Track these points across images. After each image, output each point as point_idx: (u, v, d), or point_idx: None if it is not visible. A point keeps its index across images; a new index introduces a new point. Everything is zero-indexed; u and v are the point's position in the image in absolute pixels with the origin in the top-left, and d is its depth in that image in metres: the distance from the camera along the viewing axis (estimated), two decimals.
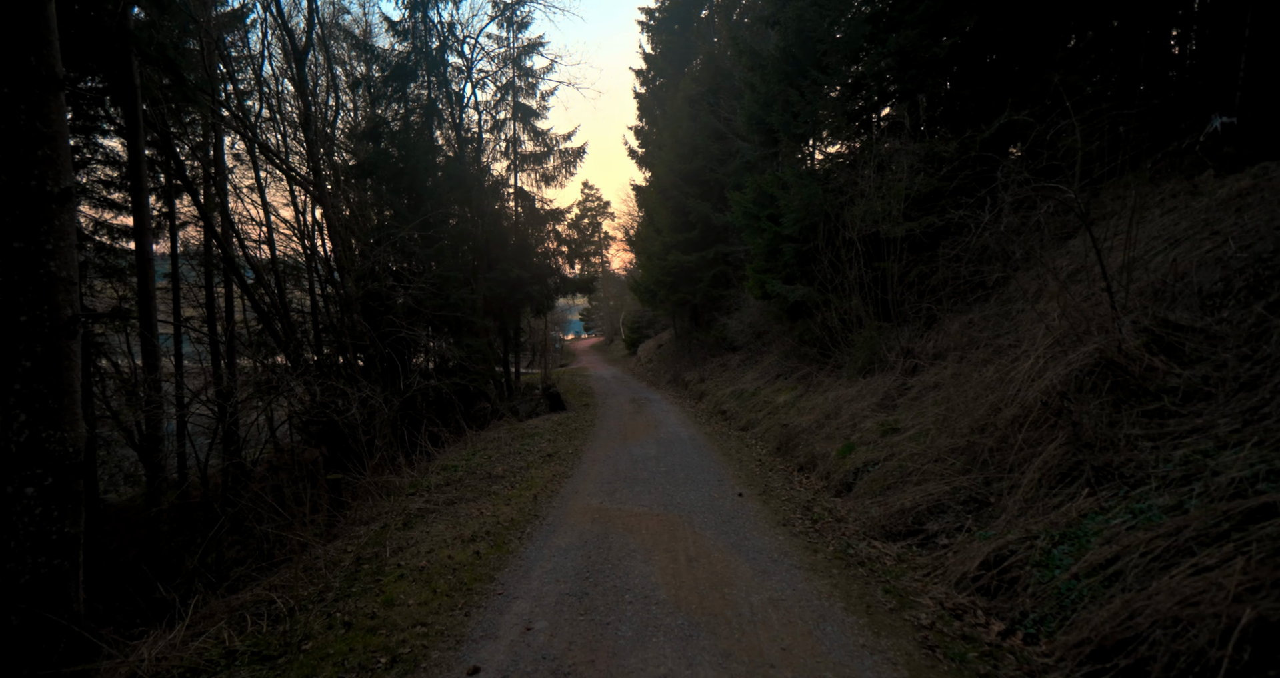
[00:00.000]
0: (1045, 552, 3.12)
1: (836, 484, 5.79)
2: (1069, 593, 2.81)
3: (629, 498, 6.24)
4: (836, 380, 8.22)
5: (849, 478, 5.71)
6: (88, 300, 15.53)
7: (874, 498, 5.02)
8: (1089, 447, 3.64)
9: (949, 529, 4.04)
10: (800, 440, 7.35)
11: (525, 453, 9.13)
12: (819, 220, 9.30)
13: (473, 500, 6.46)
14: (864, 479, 5.46)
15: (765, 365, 12.82)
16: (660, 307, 19.78)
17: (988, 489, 4.14)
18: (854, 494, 5.42)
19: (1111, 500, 3.29)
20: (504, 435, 10.86)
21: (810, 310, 9.70)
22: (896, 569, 3.80)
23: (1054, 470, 3.69)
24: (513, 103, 15.57)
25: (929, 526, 4.17)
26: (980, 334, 6.50)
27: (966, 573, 3.35)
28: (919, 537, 4.16)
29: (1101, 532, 3.06)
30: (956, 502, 4.19)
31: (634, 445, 9.28)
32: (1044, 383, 3.98)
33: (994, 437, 4.29)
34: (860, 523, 4.63)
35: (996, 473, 4.13)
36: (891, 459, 5.42)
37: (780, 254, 11.18)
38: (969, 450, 4.45)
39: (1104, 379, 3.86)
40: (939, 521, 4.16)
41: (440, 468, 8.36)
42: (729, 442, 9.26)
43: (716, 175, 16.35)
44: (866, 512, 4.80)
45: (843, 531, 4.63)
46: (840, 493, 5.68)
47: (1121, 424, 3.66)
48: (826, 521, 4.92)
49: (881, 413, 6.59)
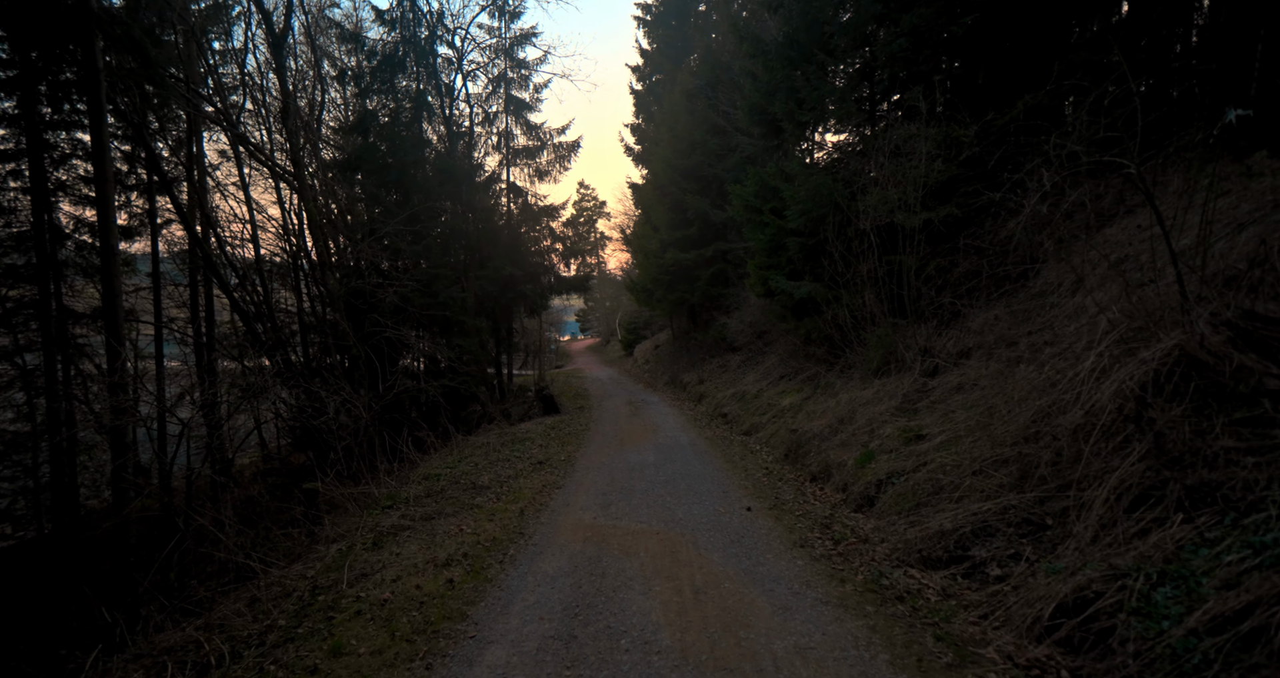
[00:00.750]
0: (1143, 596, 2.48)
1: (856, 497, 5.15)
2: (1189, 655, 2.17)
3: (626, 512, 5.58)
4: (848, 382, 7.59)
5: (870, 490, 5.07)
6: (68, 300, 14.83)
7: (904, 515, 4.38)
8: (1176, 462, 3.01)
9: (1000, 557, 3.40)
10: (811, 447, 6.71)
11: (514, 460, 8.46)
12: (827, 212, 8.68)
13: (453, 515, 5.80)
14: (889, 493, 4.82)
15: (767, 366, 12.19)
16: (657, 306, 19.15)
17: (1044, 509, 3.50)
18: (878, 510, 4.78)
19: (1216, 530, 2.66)
20: (493, 440, 10.19)
21: (817, 308, 9.07)
22: (944, 608, 3.16)
23: (1132, 490, 3.06)
24: (505, 95, 14.93)
25: (975, 552, 3.53)
26: (1010, 331, 5.88)
27: (1039, 619, 2.71)
28: (964, 565, 3.52)
29: (1214, 572, 2.43)
30: (1006, 524, 3.55)
31: (631, 451, 8.63)
32: (1113, 385, 3.34)
33: (1049, 447, 3.66)
34: (891, 546, 3.98)
35: (1055, 490, 3.50)
36: (920, 470, 4.78)
37: (784, 249, 10.55)
38: (1017, 462, 3.81)
39: (1186, 381, 3.23)
40: (987, 546, 3.52)
41: (422, 477, 7.69)
42: (732, 447, 8.61)
43: (715, 171, 15.73)
44: (897, 532, 4.16)
45: (871, 555, 3.98)
46: (862, 507, 5.04)
47: (1213, 435, 3.03)
48: (850, 541, 4.27)
49: (902, 417, 5.95)
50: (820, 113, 9.32)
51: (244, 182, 14.71)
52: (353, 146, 14.20)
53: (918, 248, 7.08)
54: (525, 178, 15.67)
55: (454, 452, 9.58)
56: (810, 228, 9.44)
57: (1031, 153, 7.08)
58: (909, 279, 7.16)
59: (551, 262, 16.22)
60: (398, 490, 6.96)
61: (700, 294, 16.25)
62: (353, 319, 12.30)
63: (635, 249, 20.30)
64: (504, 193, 15.52)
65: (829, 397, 7.83)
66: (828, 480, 5.91)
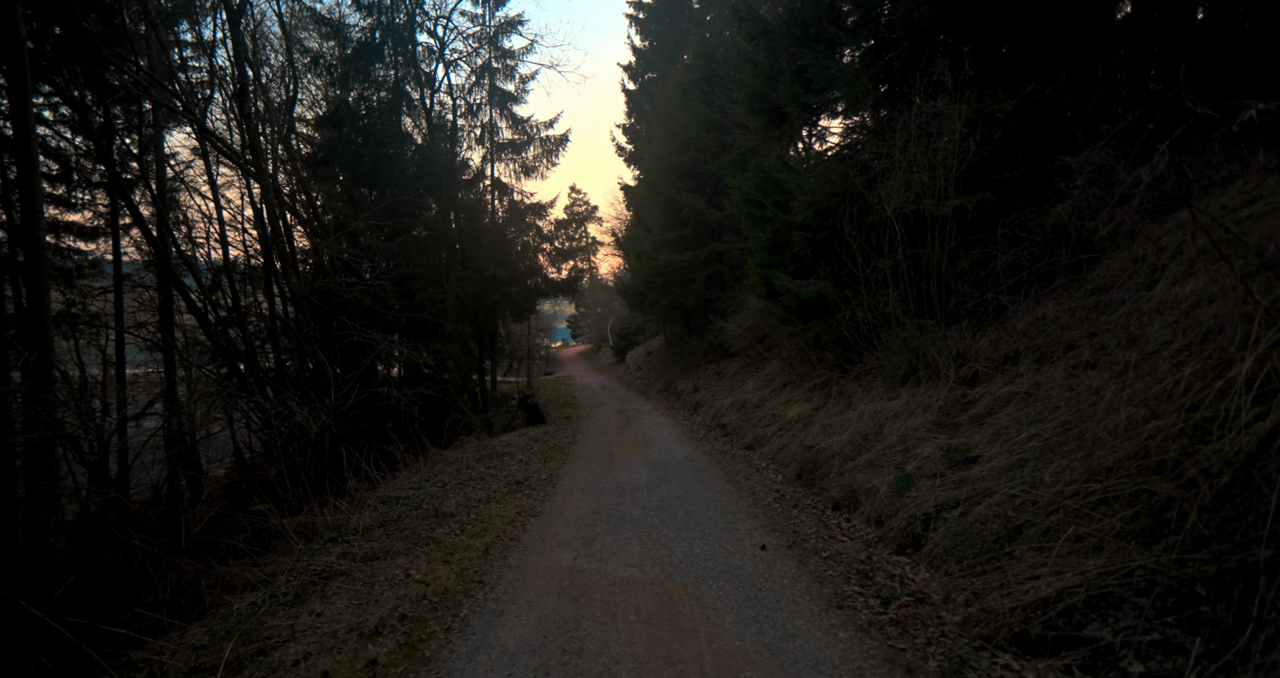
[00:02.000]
0: None
1: (897, 534, 4.12)
2: None
3: (613, 550, 4.52)
4: (868, 391, 6.58)
5: (914, 526, 4.04)
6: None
7: (968, 565, 3.35)
8: None
9: (1139, 645, 2.37)
10: (830, 468, 5.67)
11: (489, 479, 7.37)
12: (839, 202, 7.71)
13: (403, 554, 4.70)
14: (941, 531, 3.79)
15: (768, 373, 11.18)
16: (650, 311, 18.12)
17: (1188, 572, 2.48)
18: (930, 554, 3.74)
19: None
20: (469, 455, 9.08)
21: (828, 308, 8.08)
22: None
23: None
24: (489, 86, 13.92)
25: (1095, 632, 2.51)
26: (1066, 332, 4.89)
27: None
28: (1081, 652, 2.49)
29: None
30: (1136, 592, 2.53)
31: (621, 469, 7.56)
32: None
33: (1175, 481, 2.65)
34: (966, 614, 2.94)
35: (1206, 546, 2.48)
36: (978, 503, 3.77)
37: (789, 245, 9.58)
38: (1142, 503, 2.79)
39: None
40: (1111, 624, 2.50)
41: (380, 500, 6.58)
42: (734, 464, 7.57)
43: (710, 168, 14.79)
44: (966, 590, 3.12)
45: (940, 626, 2.94)
46: (905, 548, 4.01)
47: None
48: (904, 602, 3.23)
49: (941, 434, 4.94)
50: (830, 95, 8.39)
51: (212, 178, 13.59)
52: (327, 140, 13.13)
53: (948, 239, 6.10)
54: (511, 174, 14.67)
55: (424, 469, 8.47)
56: (819, 221, 8.46)
57: (1077, 129, 6.17)
58: (938, 274, 6.17)
59: (539, 263, 15.17)
60: (347, 518, 5.85)
61: (695, 297, 15.25)
62: (320, 322, 11.19)
63: (627, 251, 19.32)
64: (488, 190, 14.47)
65: (845, 407, 6.81)
66: (855, 510, 4.88)
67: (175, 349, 13.62)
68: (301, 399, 8.95)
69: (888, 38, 7.41)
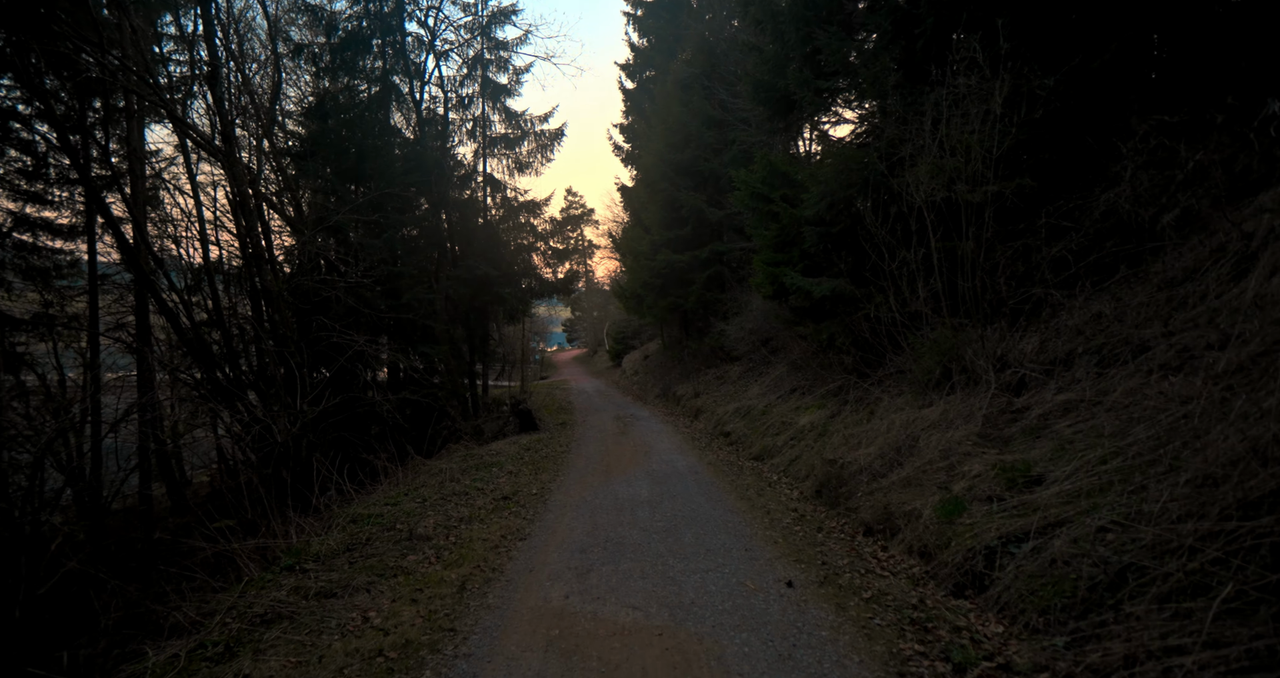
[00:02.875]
0: None
1: (953, 571, 3.41)
2: None
3: (611, 586, 3.79)
4: (894, 398, 5.88)
5: (973, 562, 3.34)
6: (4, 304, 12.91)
7: (1057, 619, 2.64)
8: None
9: None
10: (857, 485, 4.97)
11: (473, 494, 6.63)
12: (856, 192, 7.05)
13: (365, 589, 3.96)
14: (1010, 570, 3.09)
15: (773, 378, 10.49)
16: (647, 313, 17.42)
17: None
18: (1000, 599, 3.04)
19: None
20: (455, 465, 8.33)
21: (844, 307, 7.41)
22: None
23: None
24: (481, 78, 13.23)
25: None
26: (1133, 331, 4.22)
27: None
28: None
29: None
30: None
31: (619, 481, 6.84)
32: None
33: None
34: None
35: None
36: (1054, 535, 3.07)
37: (798, 242, 8.92)
38: None
39: None
40: None
41: (350, 519, 5.83)
42: (743, 477, 6.86)
43: (711, 165, 14.15)
44: (1064, 657, 2.42)
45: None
46: (964, 589, 3.30)
47: None
48: (983, 671, 2.52)
49: (989, 448, 4.24)
50: (841, 83, 7.75)
51: (192, 174, 12.83)
52: (311, 132, 12.41)
53: (984, 229, 5.43)
54: (504, 170, 13.98)
55: (405, 481, 7.71)
56: (834, 214, 7.80)
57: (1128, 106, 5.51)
58: (972, 268, 5.49)
59: (533, 263, 14.45)
60: (308, 542, 5.10)
61: (695, 299, 14.56)
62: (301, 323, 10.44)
63: (624, 252, 18.64)
64: (480, 186, 13.76)
65: (868, 415, 6.12)
66: (892, 536, 4.17)
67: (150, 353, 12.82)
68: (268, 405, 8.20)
69: (909, 13, 6.76)
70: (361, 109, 12.08)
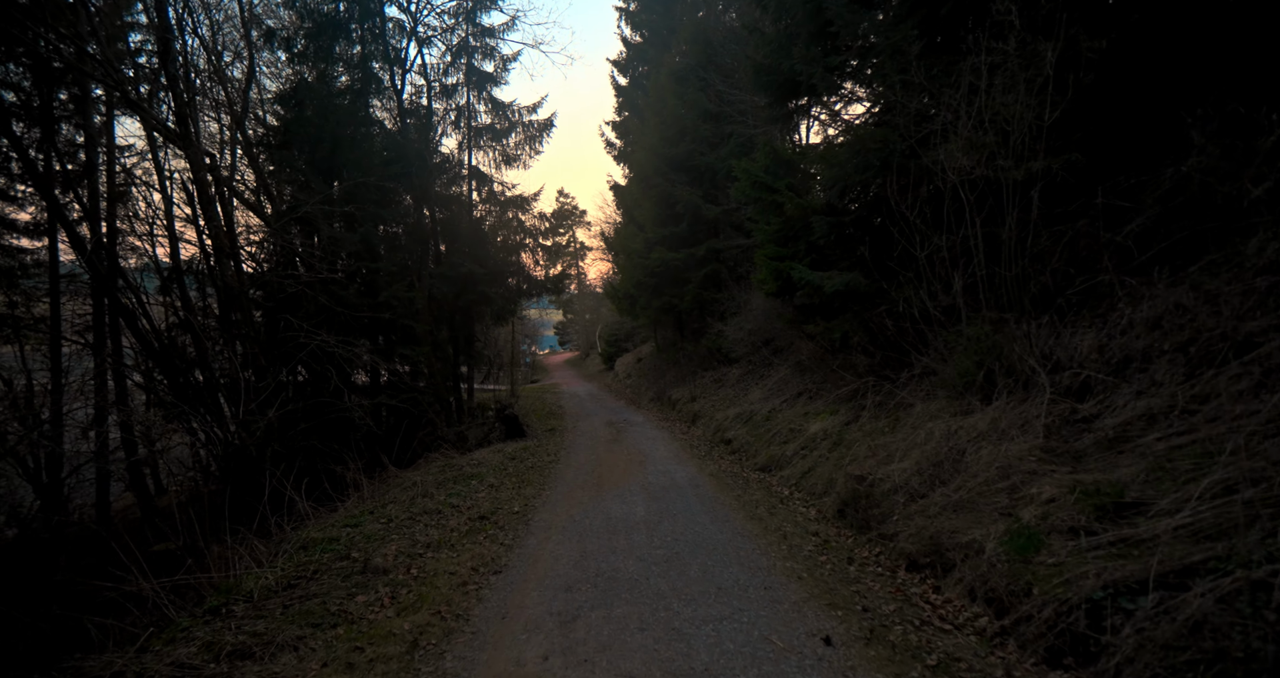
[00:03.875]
0: None
1: (1041, 630, 2.62)
2: None
3: (603, 642, 2.98)
4: (926, 403, 5.10)
5: (1072, 619, 2.55)
6: None
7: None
8: None
9: None
10: (891, 506, 4.18)
11: (447, 512, 5.78)
12: (873, 176, 6.32)
13: (292, 646, 3.11)
14: (1130, 637, 2.30)
15: (776, 381, 9.72)
16: (641, 314, 16.61)
17: None
18: (1116, 673, 2.25)
19: None
20: (431, 478, 7.48)
21: (860, 303, 6.65)
22: None
23: None
24: (466, 66, 12.41)
25: None
26: (1229, 325, 3.47)
27: None
28: None
29: None
30: None
31: (612, 497, 6.02)
32: None
33: None
34: None
35: None
36: (1186, 584, 2.30)
37: (806, 233, 8.17)
38: None
39: None
40: None
41: (301, 544, 4.97)
42: (750, 491, 6.07)
43: (708, 160, 13.40)
44: None
45: None
46: (1062, 658, 2.51)
47: None
48: None
49: (1060, 465, 3.47)
50: (859, 56, 7.02)
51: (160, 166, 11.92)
52: (285, 121, 11.54)
53: (1030, 210, 4.68)
54: (490, 163, 13.14)
55: (373, 496, 6.85)
56: (847, 202, 7.06)
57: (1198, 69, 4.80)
58: (1015, 255, 4.74)
59: (522, 261, 13.61)
60: (244, 576, 4.24)
61: (691, 299, 13.77)
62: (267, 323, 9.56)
63: (617, 251, 17.85)
64: (465, 180, 12.91)
65: (893, 423, 5.34)
66: (945, 574, 3.38)
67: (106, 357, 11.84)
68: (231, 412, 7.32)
69: None
70: (337, 96, 11.23)
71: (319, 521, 5.92)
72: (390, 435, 10.90)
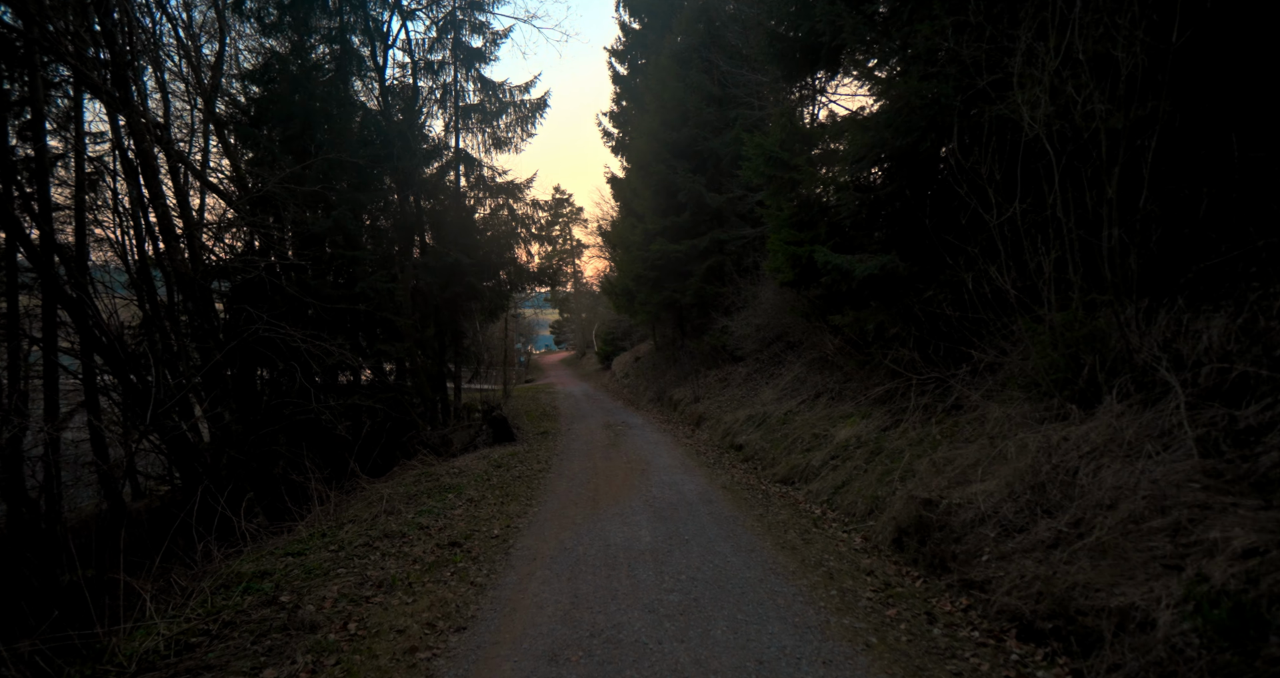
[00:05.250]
0: None
1: None
2: None
3: None
4: (1004, 408, 4.06)
5: None
6: None
7: None
8: None
9: None
10: (979, 543, 3.14)
11: (412, 536, 4.71)
12: (916, 141, 5.30)
13: None
14: None
15: (790, 379, 8.70)
16: (639, 311, 15.57)
17: None
18: None
19: None
20: (403, 489, 6.41)
21: (898, 289, 5.63)
22: None
23: None
24: (453, 41, 11.36)
25: None
26: None
27: None
28: None
29: None
30: None
31: (610, 516, 4.98)
32: None
33: None
34: None
35: None
36: None
37: (828, 213, 7.19)
38: None
39: None
40: None
41: (222, 581, 3.90)
42: (774, 509, 5.03)
43: (711, 145, 12.38)
44: None
45: None
46: None
47: None
48: None
49: (1244, 497, 2.45)
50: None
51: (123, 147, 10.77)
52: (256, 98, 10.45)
53: (1139, 168, 3.66)
54: (480, 147, 12.07)
55: (329, 514, 5.77)
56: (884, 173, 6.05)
57: None
58: (1118, 222, 3.72)
59: (513, 252, 12.55)
60: (134, 632, 3.17)
61: (693, 293, 12.75)
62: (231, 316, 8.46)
63: (615, 245, 16.82)
64: (452, 164, 11.84)
65: (952, 429, 4.32)
66: (1090, 654, 2.34)
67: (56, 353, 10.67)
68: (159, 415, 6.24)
69: None
70: (313, 69, 10.14)
71: (260, 546, 4.84)
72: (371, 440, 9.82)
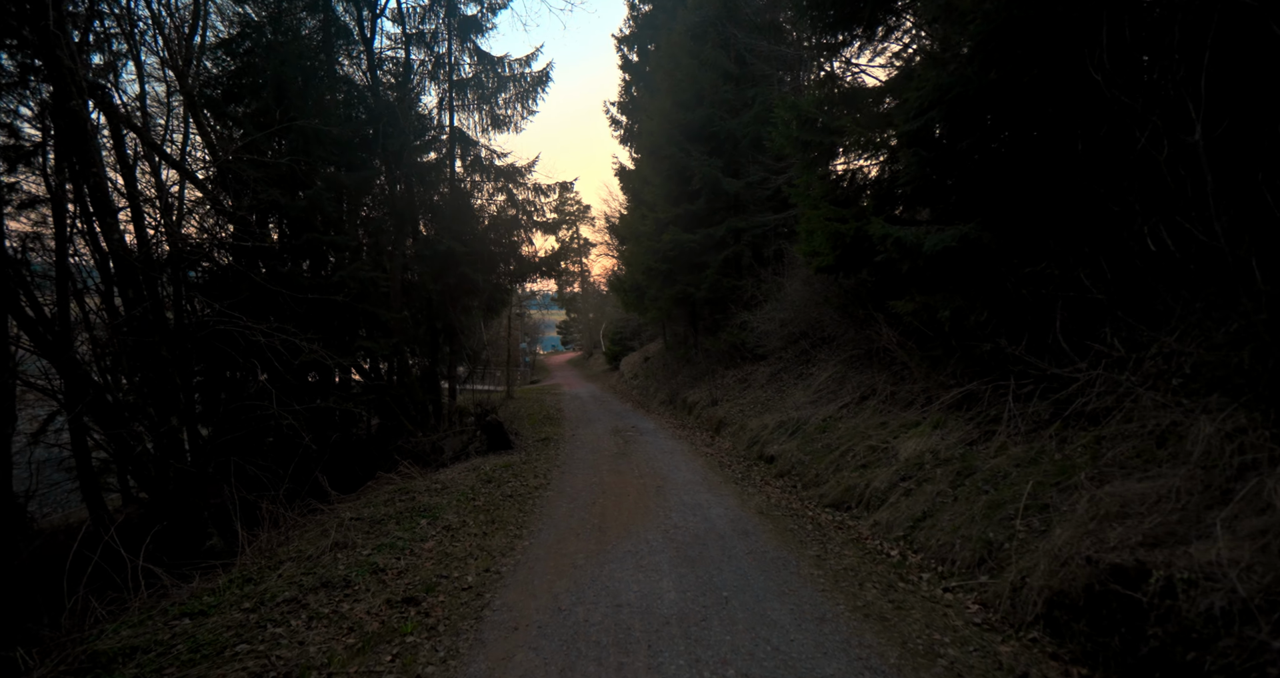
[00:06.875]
0: None
1: None
2: None
3: None
4: (1216, 422, 2.82)
5: None
6: None
7: None
8: None
9: None
10: (1229, 639, 1.90)
11: (359, 585, 3.50)
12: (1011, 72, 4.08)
13: None
14: None
15: (824, 380, 7.46)
16: (649, 308, 14.34)
17: None
18: None
19: None
20: (367, 513, 5.20)
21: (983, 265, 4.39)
22: None
23: None
24: (447, 6, 10.22)
25: None
26: None
27: None
28: None
29: None
30: None
31: (620, 555, 3.75)
32: None
33: None
34: None
35: None
36: None
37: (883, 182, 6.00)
38: None
39: None
40: None
41: (82, 659, 2.71)
42: (833, 547, 3.80)
43: (728, 126, 11.18)
44: None
45: None
46: None
47: None
48: None
49: None
50: None
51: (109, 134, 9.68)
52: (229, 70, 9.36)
53: None
54: (476, 126, 10.92)
55: (270, 548, 4.58)
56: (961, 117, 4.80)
57: None
58: None
59: (514, 240, 11.36)
60: None
61: (708, 287, 11.50)
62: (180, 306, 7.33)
63: (624, 237, 15.64)
64: (445, 143, 10.67)
65: (1093, 450, 3.06)
66: None
67: None
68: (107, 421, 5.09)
69: None
70: (292, 39, 9.03)
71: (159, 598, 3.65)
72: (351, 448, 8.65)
